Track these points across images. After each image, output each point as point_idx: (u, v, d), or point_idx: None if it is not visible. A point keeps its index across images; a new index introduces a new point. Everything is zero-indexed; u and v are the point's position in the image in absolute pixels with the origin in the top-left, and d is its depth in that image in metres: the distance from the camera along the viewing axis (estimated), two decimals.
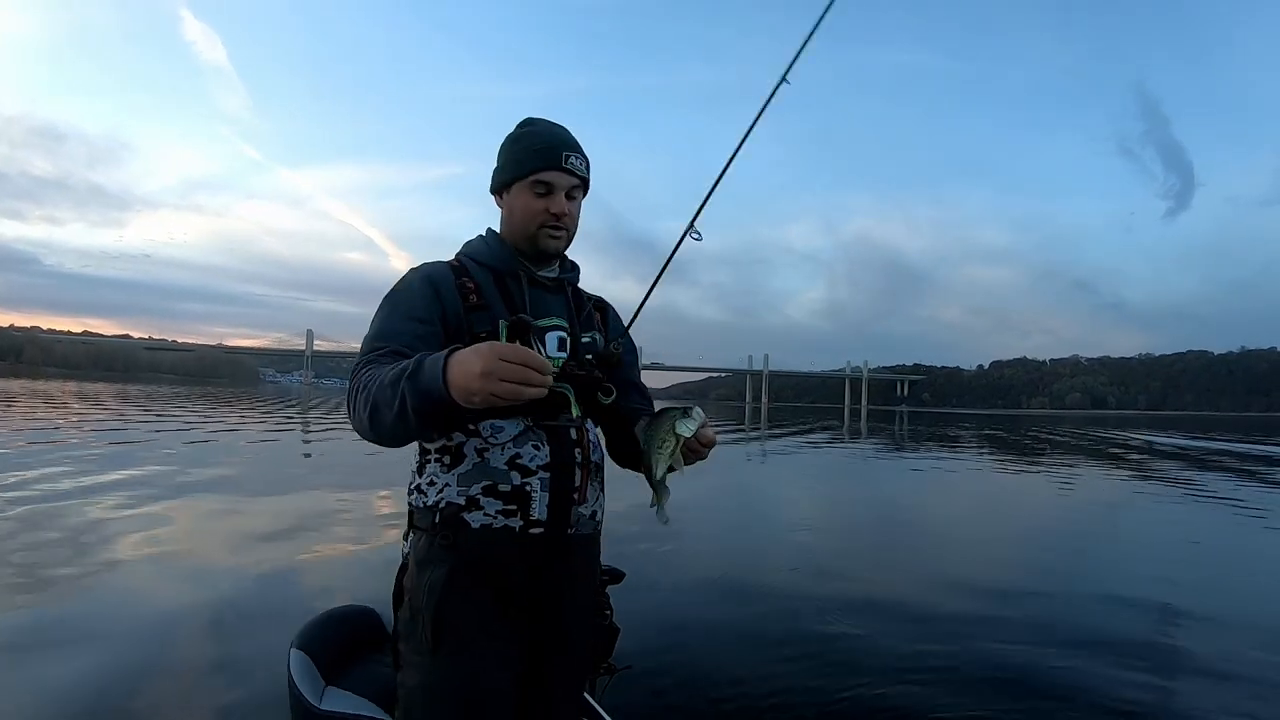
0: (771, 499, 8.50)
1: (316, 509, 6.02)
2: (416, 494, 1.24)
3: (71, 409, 20.03)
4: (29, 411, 18.06)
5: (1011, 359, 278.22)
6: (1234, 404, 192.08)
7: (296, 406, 29.75)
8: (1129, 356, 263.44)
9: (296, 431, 16.23)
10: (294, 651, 1.44)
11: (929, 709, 2.57)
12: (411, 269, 1.29)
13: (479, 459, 1.20)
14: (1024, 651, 3.15)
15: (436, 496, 1.21)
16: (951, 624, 3.56)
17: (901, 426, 35.24)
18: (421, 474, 1.25)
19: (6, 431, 12.26)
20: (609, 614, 1.39)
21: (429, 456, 1.24)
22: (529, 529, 1.20)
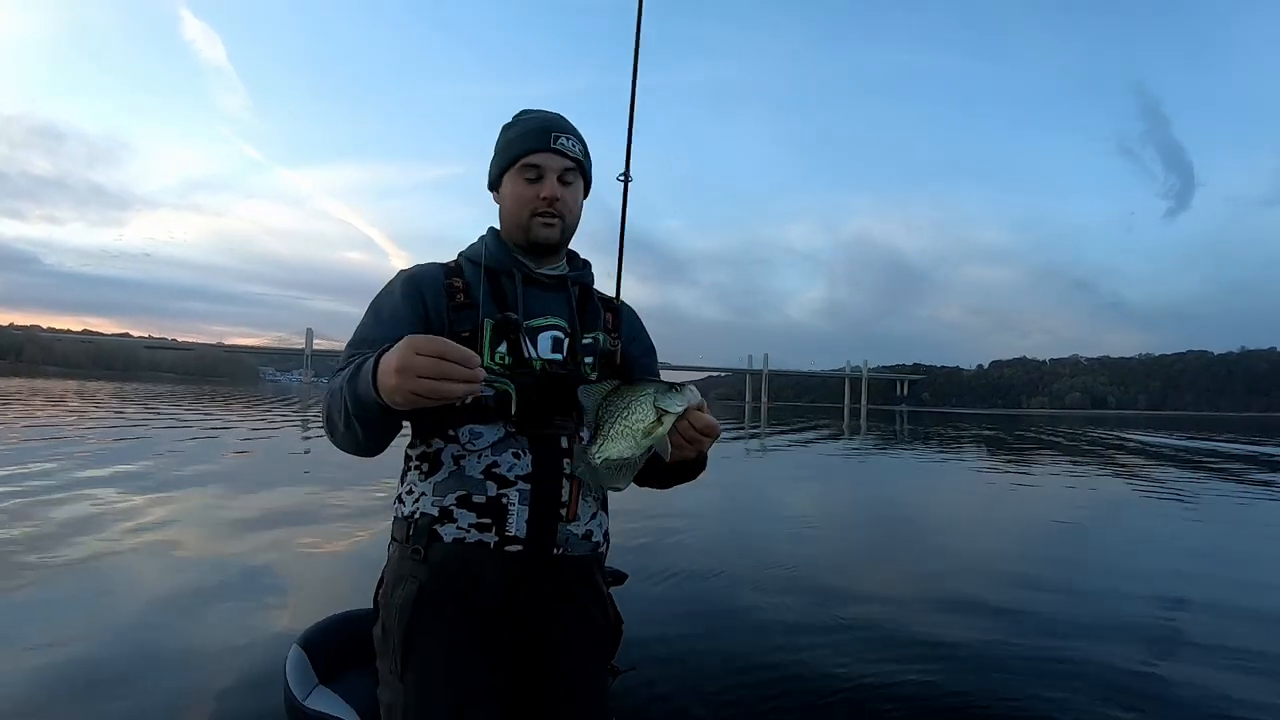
0: (772, 499, 8.47)
1: (307, 505, 6.00)
2: (397, 503, 1.19)
3: (69, 406, 20.02)
4: (29, 412, 18.05)
5: (1011, 359, 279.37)
6: (1234, 404, 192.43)
7: (296, 405, 29.72)
8: (1129, 356, 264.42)
9: (295, 430, 16.22)
10: (294, 648, 1.44)
11: (933, 704, 2.55)
12: (400, 271, 1.23)
13: (455, 467, 1.12)
14: (1018, 647, 3.12)
15: (413, 506, 1.14)
16: (954, 621, 3.54)
17: (901, 426, 35.24)
18: (403, 482, 1.19)
19: (1, 429, 12.26)
20: (611, 613, 1.32)
21: (411, 464, 1.19)
22: (504, 545, 1.10)
